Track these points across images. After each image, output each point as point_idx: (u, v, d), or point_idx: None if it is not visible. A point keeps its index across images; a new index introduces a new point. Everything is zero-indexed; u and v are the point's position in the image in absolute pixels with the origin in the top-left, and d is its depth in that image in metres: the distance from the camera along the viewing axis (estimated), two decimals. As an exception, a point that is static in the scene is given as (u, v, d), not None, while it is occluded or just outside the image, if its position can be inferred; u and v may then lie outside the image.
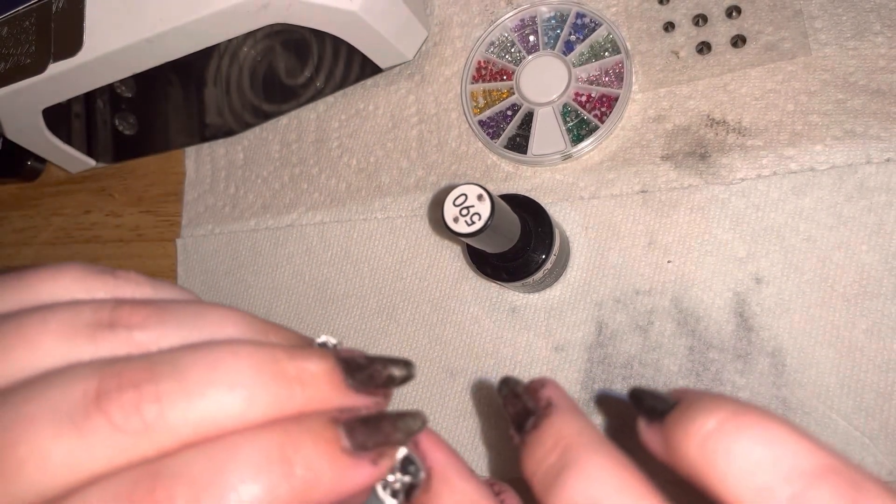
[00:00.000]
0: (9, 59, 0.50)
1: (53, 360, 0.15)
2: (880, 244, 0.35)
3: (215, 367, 0.15)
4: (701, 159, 0.39)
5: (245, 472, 0.14)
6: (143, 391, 0.14)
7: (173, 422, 0.14)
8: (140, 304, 0.16)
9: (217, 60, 0.54)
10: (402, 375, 0.17)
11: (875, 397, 0.34)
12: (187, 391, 0.14)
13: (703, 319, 0.38)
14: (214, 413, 0.14)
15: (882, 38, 0.37)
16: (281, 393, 0.15)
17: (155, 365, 0.15)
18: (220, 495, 0.14)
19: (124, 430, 0.14)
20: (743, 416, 0.15)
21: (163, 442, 0.14)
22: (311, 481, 0.15)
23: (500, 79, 0.45)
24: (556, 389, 0.20)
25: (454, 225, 0.31)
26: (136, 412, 0.14)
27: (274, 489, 0.14)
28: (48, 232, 0.63)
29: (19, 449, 0.13)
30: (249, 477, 0.14)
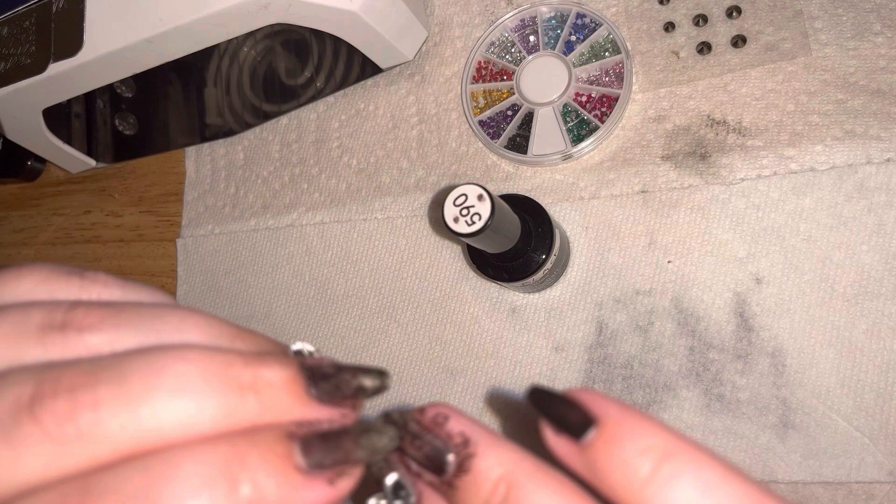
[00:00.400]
0: (9, 59, 0.50)
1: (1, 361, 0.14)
2: (880, 244, 0.35)
3: (161, 372, 0.14)
4: (701, 159, 0.39)
5: (184, 490, 0.13)
6: (78, 397, 0.13)
7: (111, 431, 0.13)
8: (96, 306, 0.15)
9: (217, 60, 0.54)
10: (373, 386, 0.16)
11: (875, 397, 0.34)
12: (127, 397, 0.13)
13: (704, 319, 0.38)
14: (156, 422, 0.13)
15: (882, 39, 0.37)
16: (231, 402, 0.14)
17: (97, 369, 0.14)
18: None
19: (57, 438, 0.13)
20: (677, 456, 0.14)
21: (99, 452, 0.13)
22: (257, 502, 0.13)
23: (501, 79, 0.45)
24: (463, 419, 0.17)
25: (454, 225, 0.31)
26: (70, 419, 0.13)
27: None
28: (48, 232, 0.63)
29: None
30: (189, 496, 0.13)
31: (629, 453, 0.14)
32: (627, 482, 0.14)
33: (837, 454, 0.34)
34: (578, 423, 0.15)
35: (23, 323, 0.15)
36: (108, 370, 0.14)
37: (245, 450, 0.14)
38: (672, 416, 0.38)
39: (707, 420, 0.37)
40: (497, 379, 0.42)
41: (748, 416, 0.36)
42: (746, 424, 0.36)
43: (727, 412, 0.36)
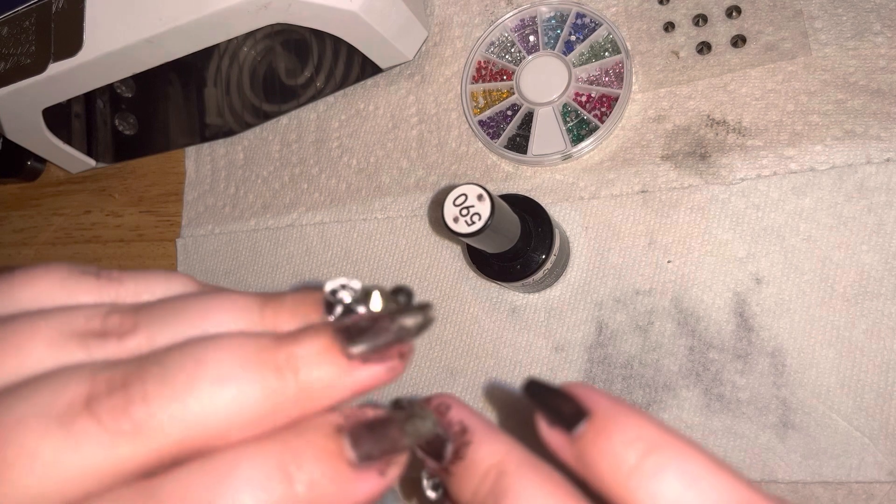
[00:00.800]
0: (9, 59, 0.50)
1: (44, 366, 0.15)
2: (880, 244, 0.35)
3: (201, 362, 0.14)
4: (701, 159, 0.39)
5: (244, 491, 0.13)
6: (131, 392, 0.14)
7: (163, 422, 0.14)
8: (129, 312, 0.16)
9: (217, 60, 0.54)
10: (416, 324, 0.15)
11: (875, 397, 0.34)
12: (174, 390, 0.14)
13: (704, 319, 0.38)
14: (205, 411, 0.14)
15: (882, 39, 0.37)
16: (272, 384, 0.14)
17: (143, 366, 0.14)
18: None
19: (114, 431, 0.13)
20: (664, 448, 0.15)
21: (154, 444, 0.14)
22: (314, 499, 0.14)
23: (501, 79, 0.45)
24: (464, 409, 0.18)
25: (454, 225, 0.31)
26: (125, 414, 0.13)
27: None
28: (48, 232, 0.63)
29: (7, 451, 0.13)
30: (249, 496, 0.13)
31: (617, 444, 0.15)
32: (614, 472, 0.15)
33: (837, 454, 0.34)
34: (571, 415, 0.16)
35: (66, 328, 0.15)
36: (152, 367, 0.14)
37: (298, 449, 0.14)
38: (672, 415, 0.38)
39: (707, 420, 0.37)
40: (497, 379, 0.42)
41: (748, 415, 0.36)
42: (746, 424, 0.36)
43: (727, 412, 0.36)
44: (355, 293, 0.16)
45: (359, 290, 0.16)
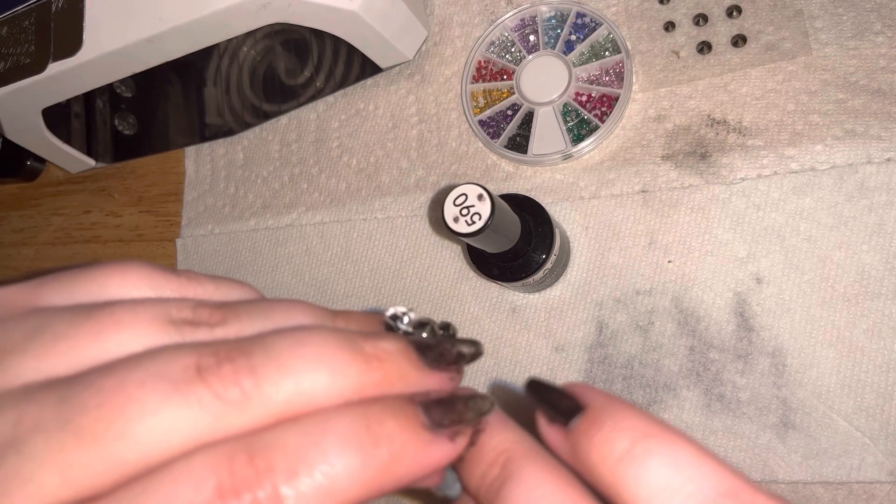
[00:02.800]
0: (8, 59, 0.50)
1: (147, 343, 0.16)
2: (881, 244, 0.35)
3: (302, 345, 0.16)
4: (701, 159, 0.39)
5: (336, 444, 0.15)
6: (239, 366, 0.15)
7: (268, 394, 0.15)
8: (217, 306, 0.17)
9: (217, 60, 0.54)
10: (471, 352, 0.18)
11: (876, 397, 0.34)
12: (279, 367, 0.15)
13: (704, 319, 0.38)
14: (304, 388, 0.15)
15: (882, 38, 0.36)
16: (363, 369, 0.16)
17: (246, 345, 0.16)
18: (314, 465, 0.15)
19: (225, 399, 0.15)
20: (653, 437, 0.15)
21: (258, 413, 0.15)
22: (396, 455, 0.15)
23: (501, 78, 0.45)
24: None
25: (454, 225, 0.31)
26: (234, 383, 0.15)
27: (364, 462, 0.15)
28: (48, 232, 0.63)
29: (128, 410, 0.14)
30: (341, 449, 0.15)
31: (607, 434, 0.16)
32: (604, 460, 0.15)
33: (838, 454, 0.34)
34: (568, 410, 0.17)
35: (162, 313, 0.16)
36: (255, 346, 0.16)
37: (380, 413, 0.16)
38: (672, 415, 0.37)
39: (707, 420, 0.37)
40: (497, 379, 0.42)
41: (749, 415, 0.36)
42: (747, 424, 0.36)
43: (727, 412, 0.36)
44: (411, 322, 0.19)
45: (414, 320, 0.19)
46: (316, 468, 0.14)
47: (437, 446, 0.16)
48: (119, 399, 0.14)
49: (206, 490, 0.14)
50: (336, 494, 0.15)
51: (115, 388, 0.14)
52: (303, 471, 0.14)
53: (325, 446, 0.15)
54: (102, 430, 0.14)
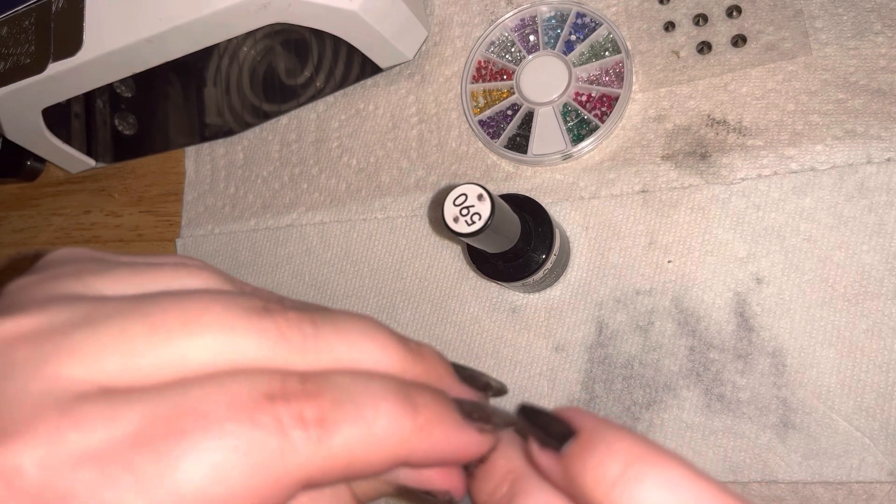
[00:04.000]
0: (8, 59, 0.50)
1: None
2: (881, 244, 0.35)
3: (369, 398, 0.17)
4: (701, 159, 0.39)
5: (383, 396, 0.16)
6: (305, 331, 0.17)
7: (325, 350, 0.17)
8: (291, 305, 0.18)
9: (217, 60, 0.54)
10: (496, 387, 0.20)
11: (876, 397, 0.34)
12: (343, 338, 0.17)
13: (704, 319, 0.38)
14: (361, 357, 0.17)
15: (883, 38, 0.36)
16: (408, 357, 0.18)
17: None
18: (361, 404, 0.16)
19: (289, 339, 0.16)
20: (646, 459, 0.15)
21: (312, 359, 0.16)
22: (432, 421, 0.17)
23: (501, 78, 0.45)
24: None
25: (454, 225, 0.31)
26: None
27: (404, 417, 0.16)
28: (48, 232, 0.63)
29: (203, 319, 0.15)
30: (386, 401, 0.16)
31: (600, 458, 0.16)
32: (598, 484, 0.15)
33: (838, 454, 0.34)
34: (560, 434, 0.17)
35: (238, 302, 0.17)
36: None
37: (418, 389, 0.17)
38: (672, 416, 0.37)
39: (707, 420, 0.37)
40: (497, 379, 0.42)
41: (749, 415, 0.36)
42: (747, 424, 0.36)
43: (728, 412, 0.36)
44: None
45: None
46: (363, 407, 0.16)
47: (467, 431, 0.17)
48: (197, 310, 0.16)
49: (255, 392, 0.15)
50: (373, 440, 0.16)
51: (200, 302, 0.16)
52: (349, 406, 0.15)
53: (374, 392, 0.16)
54: (174, 327, 0.15)
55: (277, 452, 0.15)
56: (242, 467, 0.14)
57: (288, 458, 0.15)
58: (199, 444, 0.14)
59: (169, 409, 0.14)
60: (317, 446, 0.15)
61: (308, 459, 0.15)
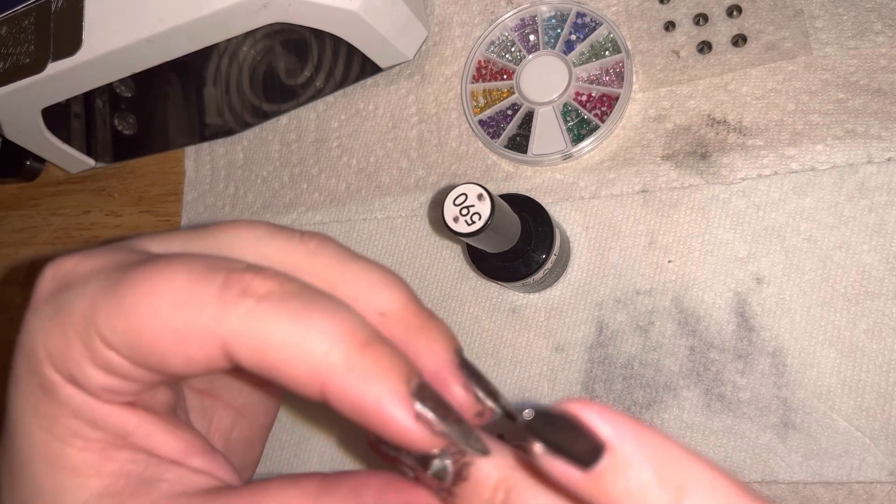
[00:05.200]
0: (8, 59, 0.50)
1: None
2: (881, 244, 0.35)
3: (371, 271, 0.19)
4: (702, 159, 0.39)
5: (341, 320, 0.17)
6: (316, 253, 0.19)
7: (325, 262, 0.19)
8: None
9: (217, 60, 0.54)
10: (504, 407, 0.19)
11: (876, 398, 0.34)
12: (357, 278, 0.19)
13: (704, 319, 0.38)
14: (369, 297, 0.19)
15: (883, 38, 0.36)
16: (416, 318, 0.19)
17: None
18: (314, 314, 0.16)
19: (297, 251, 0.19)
20: (694, 487, 0.14)
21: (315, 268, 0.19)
22: (370, 376, 0.16)
23: (501, 78, 0.45)
24: None
25: (454, 225, 0.31)
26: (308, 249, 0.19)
27: (343, 347, 0.16)
28: (47, 232, 0.62)
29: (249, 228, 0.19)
30: (341, 327, 0.17)
31: (643, 481, 0.14)
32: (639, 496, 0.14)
33: (838, 454, 0.34)
34: (587, 452, 0.14)
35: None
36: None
37: (384, 345, 0.17)
38: (673, 416, 0.37)
39: (708, 420, 0.37)
40: (497, 379, 0.42)
41: (749, 416, 0.36)
42: (747, 424, 0.36)
43: (728, 412, 0.36)
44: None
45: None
46: (311, 315, 0.16)
47: (405, 419, 0.16)
48: (246, 233, 0.19)
49: (231, 265, 0.17)
50: (299, 348, 0.16)
51: (241, 238, 0.19)
52: (298, 307, 0.16)
53: (335, 314, 0.17)
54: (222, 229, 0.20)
55: (211, 305, 0.16)
56: (177, 310, 0.17)
57: (217, 312, 0.16)
58: (160, 279, 0.17)
59: (176, 259, 0.17)
60: (245, 315, 0.16)
61: (234, 325, 0.16)
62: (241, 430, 0.24)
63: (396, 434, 0.16)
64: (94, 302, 0.17)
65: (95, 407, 0.18)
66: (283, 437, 0.47)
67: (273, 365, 0.16)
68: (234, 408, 0.24)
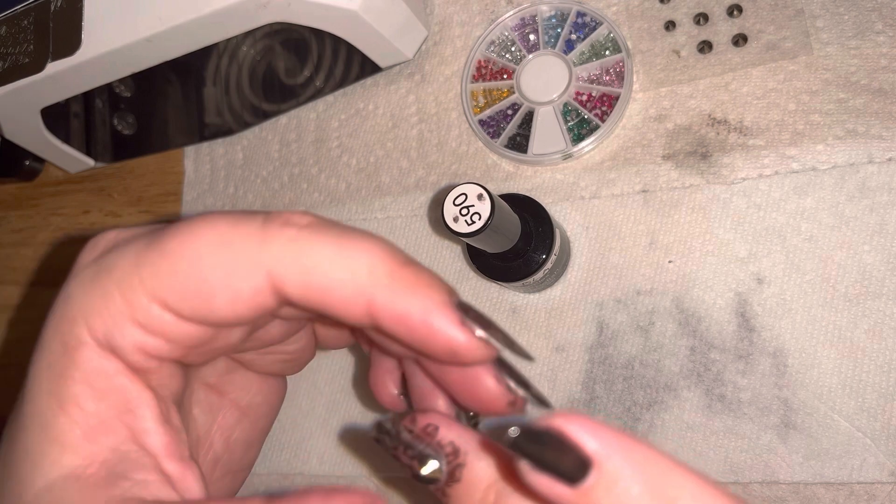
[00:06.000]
0: (7, 59, 0.50)
1: None
2: (882, 244, 0.35)
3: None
4: (702, 159, 0.39)
5: (372, 242, 0.18)
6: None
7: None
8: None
9: (216, 60, 0.54)
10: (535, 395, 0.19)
11: (877, 398, 0.34)
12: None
13: (705, 320, 0.38)
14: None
15: (884, 38, 0.36)
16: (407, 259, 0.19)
17: None
18: (351, 239, 0.17)
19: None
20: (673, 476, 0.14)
21: None
22: (414, 286, 0.17)
23: (501, 78, 0.45)
24: (452, 428, 0.18)
25: (454, 225, 0.31)
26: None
27: (384, 263, 0.17)
28: (47, 232, 0.62)
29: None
30: (373, 247, 0.17)
31: (633, 496, 0.14)
32: None
33: (839, 455, 0.34)
34: (573, 468, 0.14)
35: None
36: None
37: (414, 263, 0.18)
38: (673, 416, 0.37)
39: (708, 420, 0.37)
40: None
41: (750, 416, 0.36)
42: (748, 425, 0.36)
43: (728, 413, 0.36)
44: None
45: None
46: (349, 239, 0.17)
47: (456, 325, 0.17)
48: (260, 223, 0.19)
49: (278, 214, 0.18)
50: (345, 267, 0.17)
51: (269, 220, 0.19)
52: (336, 234, 0.17)
53: (366, 238, 0.17)
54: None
55: (255, 238, 0.17)
56: (222, 246, 0.17)
57: (262, 243, 0.17)
58: (202, 226, 0.17)
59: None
60: (289, 243, 0.17)
61: (279, 253, 0.17)
62: (242, 430, 0.24)
63: (443, 344, 0.17)
64: (138, 255, 0.18)
65: (111, 374, 0.18)
66: (282, 438, 0.47)
67: (320, 289, 0.17)
68: (239, 407, 0.25)
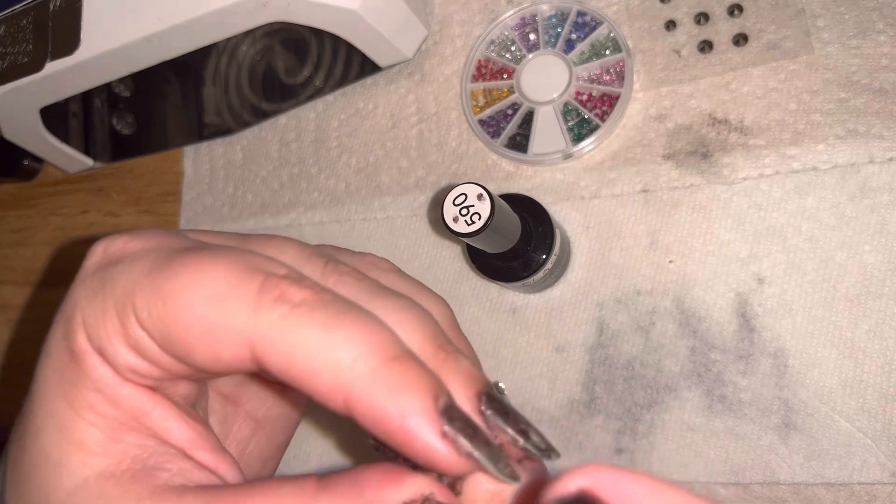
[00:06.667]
0: (5, 58, 0.50)
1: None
2: (883, 244, 0.35)
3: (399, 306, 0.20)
4: (703, 158, 0.39)
5: (366, 326, 0.17)
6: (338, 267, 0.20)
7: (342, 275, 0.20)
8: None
9: (215, 59, 0.54)
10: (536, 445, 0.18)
11: (878, 398, 0.34)
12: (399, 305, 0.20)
13: (705, 320, 0.37)
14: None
15: (885, 37, 0.36)
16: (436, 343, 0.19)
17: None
18: (342, 326, 0.17)
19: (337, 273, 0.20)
20: None
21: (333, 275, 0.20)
22: (397, 391, 0.16)
23: (501, 77, 0.45)
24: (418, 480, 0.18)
25: (454, 225, 0.31)
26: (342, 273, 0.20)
27: (370, 360, 0.16)
28: (46, 232, 0.62)
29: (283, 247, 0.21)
30: (365, 334, 0.17)
31: None
32: None
33: (840, 455, 0.34)
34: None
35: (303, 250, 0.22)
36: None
37: (411, 360, 0.17)
38: (674, 417, 0.37)
39: (709, 421, 0.37)
40: (496, 380, 0.42)
41: (750, 417, 0.36)
42: (748, 425, 0.36)
43: (729, 413, 0.36)
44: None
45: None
46: (339, 326, 0.16)
47: (434, 428, 0.15)
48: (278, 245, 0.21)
49: (272, 268, 0.18)
50: (326, 358, 0.16)
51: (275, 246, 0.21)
52: (329, 316, 0.17)
53: (364, 322, 0.17)
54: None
55: (245, 307, 0.17)
56: (212, 305, 0.17)
57: (250, 315, 0.16)
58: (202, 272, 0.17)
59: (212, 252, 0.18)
60: (277, 321, 0.16)
61: (264, 329, 0.16)
62: (258, 443, 0.24)
63: (422, 453, 0.16)
64: (136, 281, 0.17)
65: (117, 383, 0.18)
66: (282, 438, 0.47)
67: (298, 373, 0.16)
68: (255, 419, 0.24)
